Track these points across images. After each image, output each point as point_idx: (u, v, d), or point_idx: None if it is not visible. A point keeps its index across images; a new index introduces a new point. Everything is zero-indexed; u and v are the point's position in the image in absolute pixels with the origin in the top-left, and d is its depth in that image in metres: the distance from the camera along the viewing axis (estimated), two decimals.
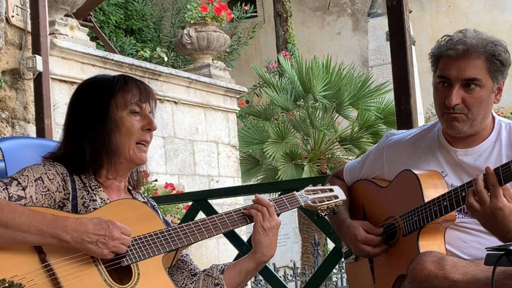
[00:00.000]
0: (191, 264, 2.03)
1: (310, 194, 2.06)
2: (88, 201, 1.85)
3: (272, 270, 3.33)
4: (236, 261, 2.00)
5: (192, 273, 2.00)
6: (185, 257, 2.03)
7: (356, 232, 2.14)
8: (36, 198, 1.77)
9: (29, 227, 1.66)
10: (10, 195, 1.73)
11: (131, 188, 2.03)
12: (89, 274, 1.72)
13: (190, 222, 1.90)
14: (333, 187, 2.13)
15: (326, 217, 2.18)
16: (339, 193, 2.12)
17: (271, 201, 1.97)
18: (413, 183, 2.03)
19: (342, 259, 2.62)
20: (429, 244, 1.98)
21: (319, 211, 2.07)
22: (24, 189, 1.75)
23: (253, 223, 1.94)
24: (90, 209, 1.83)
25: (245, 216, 1.94)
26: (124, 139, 1.88)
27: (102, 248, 1.70)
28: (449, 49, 2.00)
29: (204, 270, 1.99)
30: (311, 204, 2.05)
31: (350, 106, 8.80)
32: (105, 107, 1.88)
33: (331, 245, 3.16)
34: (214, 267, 1.97)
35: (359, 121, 8.61)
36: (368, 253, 2.15)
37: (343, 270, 6.58)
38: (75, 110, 1.94)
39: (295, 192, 2.06)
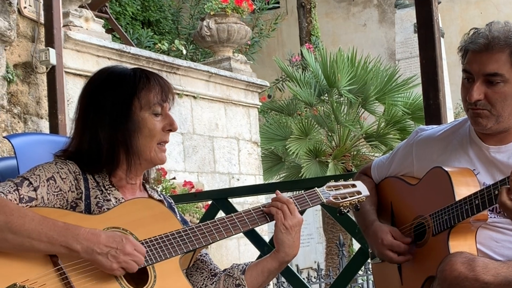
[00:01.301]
0: (211, 264, 1.98)
1: (332, 190, 2.02)
2: (102, 201, 1.80)
3: (295, 271, 3.29)
4: (258, 260, 1.94)
5: (212, 273, 1.95)
6: (204, 256, 1.98)
7: (383, 237, 2.10)
8: (48, 199, 1.72)
9: (39, 234, 1.61)
10: (21, 196, 1.68)
11: (146, 183, 1.98)
12: (104, 278, 1.67)
13: (208, 222, 1.84)
14: (356, 183, 2.09)
15: (348, 214, 2.13)
16: (362, 188, 2.08)
17: (291, 198, 1.92)
18: (444, 181, 1.99)
19: (368, 260, 2.57)
20: (459, 245, 1.93)
21: (342, 207, 2.03)
22: (35, 189, 1.71)
23: (274, 221, 1.88)
24: (104, 209, 1.78)
25: (265, 214, 1.90)
26: (146, 140, 1.83)
27: (112, 261, 1.63)
28: (471, 42, 1.97)
29: (225, 270, 1.94)
30: (333, 200, 2.01)
31: (377, 101, 8.72)
32: (128, 106, 1.82)
33: (356, 245, 3.10)
34: (235, 266, 1.92)
35: (386, 116, 8.52)
36: (391, 260, 2.11)
37: (369, 272, 6.51)
38: (91, 105, 1.86)
39: (316, 188, 2.01)
